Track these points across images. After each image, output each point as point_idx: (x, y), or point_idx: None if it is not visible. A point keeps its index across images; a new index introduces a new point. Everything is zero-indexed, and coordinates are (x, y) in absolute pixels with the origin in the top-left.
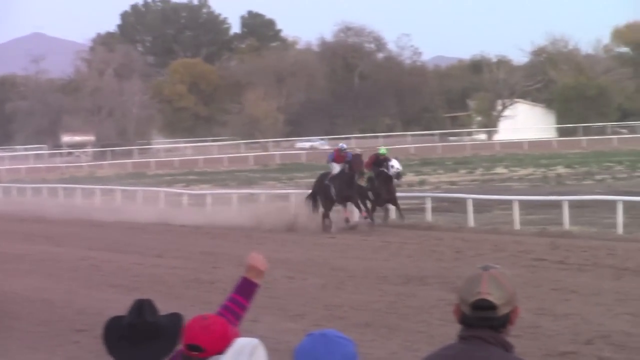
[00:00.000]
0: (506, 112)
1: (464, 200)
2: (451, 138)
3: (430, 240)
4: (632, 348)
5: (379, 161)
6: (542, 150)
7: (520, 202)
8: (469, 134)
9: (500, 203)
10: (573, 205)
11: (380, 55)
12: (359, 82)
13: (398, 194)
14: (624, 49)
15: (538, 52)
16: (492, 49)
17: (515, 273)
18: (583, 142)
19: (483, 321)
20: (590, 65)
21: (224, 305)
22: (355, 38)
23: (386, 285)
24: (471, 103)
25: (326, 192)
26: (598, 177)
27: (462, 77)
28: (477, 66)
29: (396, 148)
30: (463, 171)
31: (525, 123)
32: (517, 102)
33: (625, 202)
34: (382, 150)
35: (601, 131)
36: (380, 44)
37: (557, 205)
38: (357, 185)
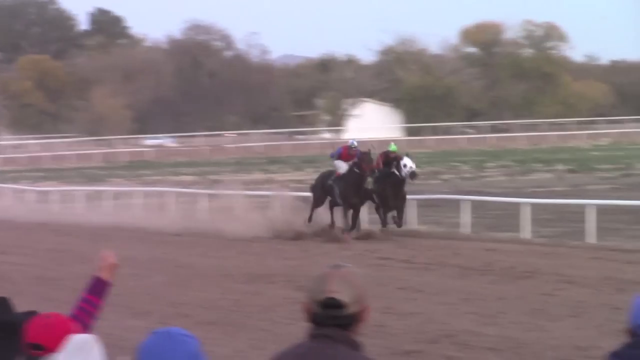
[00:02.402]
0: (354, 112)
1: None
2: (299, 137)
3: (277, 239)
4: (476, 347)
5: (389, 160)
6: None
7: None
8: (317, 132)
9: None
10: (420, 204)
11: (229, 53)
12: (207, 80)
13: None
14: (472, 49)
15: (386, 52)
16: (340, 48)
17: (361, 272)
18: (430, 141)
19: (331, 319)
20: (438, 65)
21: (78, 307)
22: (203, 36)
23: (232, 283)
24: (319, 102)
25: (329, 194)
26: (444, 176)
27: (311, 76)
28: (325, 65)
29: (243, 146)
30: (310, 169)
31: (372, 122)
32: (364, 101)
33: (471, 201)
34: (393, 146)
35: (448, 131)
36: (228, 42)
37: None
38: (365, 190)
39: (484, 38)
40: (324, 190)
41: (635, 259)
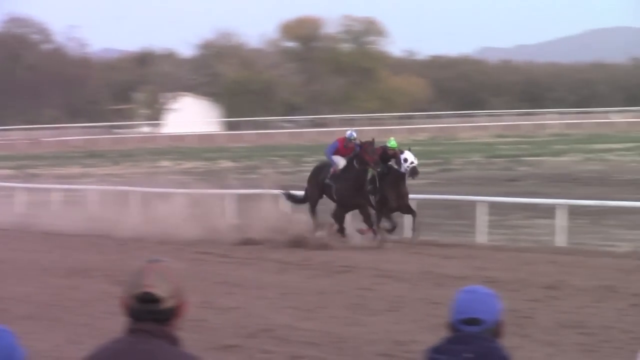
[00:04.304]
0: (173, 106)
1: (127, 193)
2: (116, 130)
3: (94, 233)
4: (295, 342)
5: (387, 156)
6: (208, 143)
7: (185, 195)
8: (135, 126)
9: (161, 196)
10: (240, 199)
11: (47, 46)
12: (25, 73)
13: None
14: (291, 44)
15: (205, 46)
16: (159, 42)
17: (178, 266)
18: (250, 136)
19: (148, 314)
20: (257, 59)
21: None
22: (21, 29)
23: (49, 277)
24: (137, 96)
25: (325, 192)
26: (263, 171)
27: (129, 69)
28: (144, 59)
29: (61, 140)
30: (128, 164)
31: (191, 116)
32: (183, 95)
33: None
34: (392, 142)
35: (266, 125)
36: (47, 35)
37: (221, 198)
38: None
39: (303, 32)
40: (319, 187)
41: (452, 254)
